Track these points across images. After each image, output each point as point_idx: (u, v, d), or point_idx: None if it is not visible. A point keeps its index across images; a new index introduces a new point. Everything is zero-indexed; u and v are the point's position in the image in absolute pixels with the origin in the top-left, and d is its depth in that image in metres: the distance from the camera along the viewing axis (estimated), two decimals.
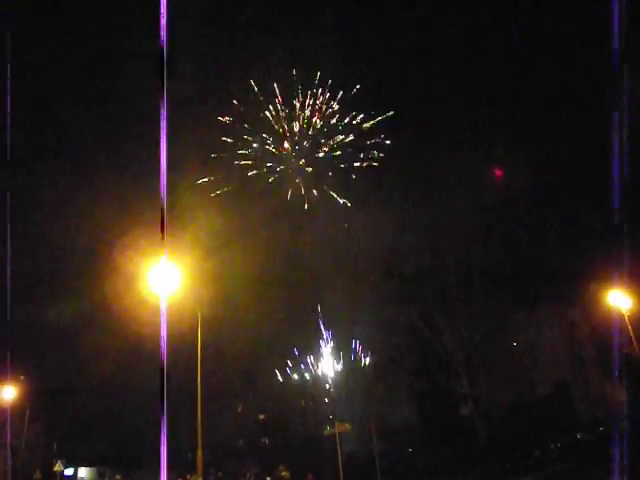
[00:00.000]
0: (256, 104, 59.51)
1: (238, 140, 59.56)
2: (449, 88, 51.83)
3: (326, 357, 59.94)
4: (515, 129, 48.59)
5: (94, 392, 49.51)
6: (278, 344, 55.81)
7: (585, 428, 41.83)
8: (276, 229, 54.91)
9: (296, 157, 60.71)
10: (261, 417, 58.52)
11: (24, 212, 41.42)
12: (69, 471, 50.59)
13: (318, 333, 59.30)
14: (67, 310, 45.80)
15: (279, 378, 56.69)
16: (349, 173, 58.53)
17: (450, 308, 45.44)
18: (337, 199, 57.96)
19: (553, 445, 41.47)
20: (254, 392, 55.54)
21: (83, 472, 53.44)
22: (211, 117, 56.61)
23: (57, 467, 43.38)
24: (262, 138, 60.24)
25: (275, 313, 55.35)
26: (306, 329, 57.96)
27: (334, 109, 59.72)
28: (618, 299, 23.67)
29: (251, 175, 59.65)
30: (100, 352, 47.33)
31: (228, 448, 53.42)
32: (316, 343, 60.21)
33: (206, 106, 55.99)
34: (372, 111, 58.26)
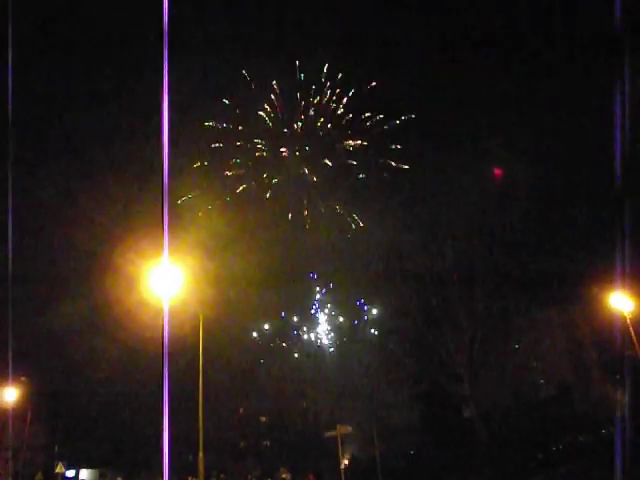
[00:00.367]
0: (252, 101, 55.73)
1: (230, 147, 55.78)
2: (449, 88, 51.65)
3: (327, 358, 59.86)
4: (517, 128, 48.44)
5: (96, 394, 49.56)
6: (279, 346, 55.83)
7: (587, 430, 41.73)
8: (277, 231, 54.84)
9: (296, 164, 56.90)
10: (262, 419, 58.50)
11: (24, 213, 41.45)
12: (70, 473, 50.61)
13: (319, 334, 59.22)
14: (69, 312, 45.82)
15: (279, 380, 56.66)
16: (359, 182, 54.33)
17: (452, 310, 45.41)
18: (348, 217, 53.86)
19: (555, 447, 41.42)
20: (255, 394, 55.50)
21: (84, 474, 53.44)
22: (205, 118, 54.41)
23: (58, 469, 43.41)
24: (257, 143, 56.16)
25: (276, 315, 55.40)
26: (307, 330, 57.93)
27: (340, 110, 55.42)
28: (620, 301, 23.63)
29: (243, 189, 55.74)
30: (102, 354, 47.40)
31: (230, 450, 53.44)
32: (317, 344, 60.13)
33: (202, 107, 53.76)
34: (382, 113, 54.63)
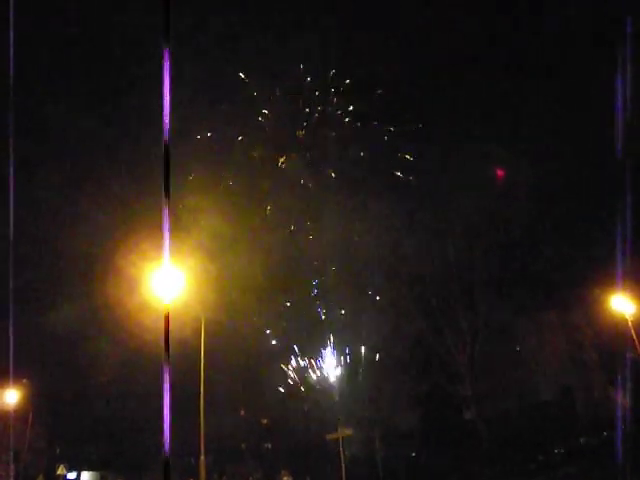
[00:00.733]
0: (253, 107, 54.54)
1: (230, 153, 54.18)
2: (450, 88, 51.33)
3: (329, 361, 59.87)
4: (517, 129, 48.28)
5: (97, 396, 49.57)
6: (281, 348, 55.80)
7: (588, 432, 41.73)
8: (280, 233, 54.66)
9: (298, 171, 55.47)
10: (264, 421, 58.42)
11: (25, 214, 41.49)
12: (72, 475, 50.56)
13: (321, 337, 59.18)
14: (70, 314, 45.78)
15: (281, 381, 56.61)
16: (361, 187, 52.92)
17: (453, 312, 45.42)
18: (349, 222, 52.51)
19: (556, 449, 41.42)
20: (257, 396, 55.44)
21: (86, 476, 53.36)
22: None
23: (60, 471, 43.41)
24: (258, 149, 54.58)
25: (278, 317, 55.32)
26: (309, 333, 57.84)
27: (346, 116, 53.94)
28: (621, 303, 23.65)
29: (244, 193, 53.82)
30: (103, 356, 47.38)
31: (231, 452, 53.41)
32: (319, 347, 60.11)
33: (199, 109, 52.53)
34: (389, 121, 53.00)
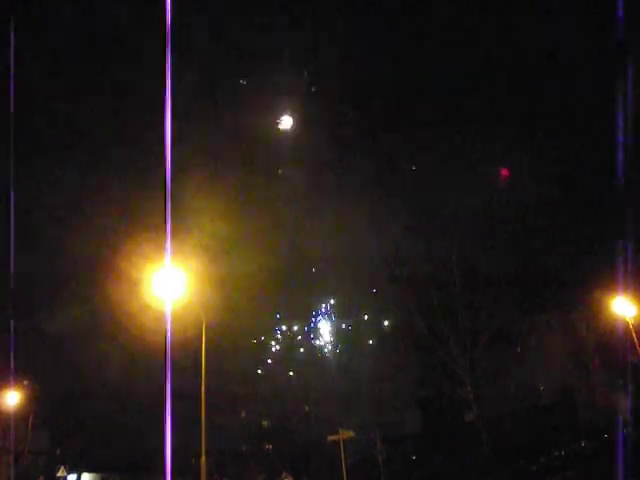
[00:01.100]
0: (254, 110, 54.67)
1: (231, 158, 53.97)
2: (450, 87, 51.16)
3: (330, 362, 59.83)
4: (522, 130, 48.08)
5: (98, 397, 49.55)
6: (282, 348, 55.83)
7: (589, 435, 41.67)
8: (281, 234, 54.69)
9: (299, 177, 55.14)
10: (265, 423, 58.46)
11: (25, 215, 41.46)
12: (72, 477, 50.54)
13: (322, 337, 59.18)
14: (71, 315, 45.81)
15: (281, 381, 56.66)
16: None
17: (454, 314, 45.37)
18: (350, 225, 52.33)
19: (557, 452, 41.35)
20: (258, 397, 55.48)
21: (86, 478, 53.38)
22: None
23: (60, 472, 43.33)
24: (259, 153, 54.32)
25: (279, 318, 55.41)
26: (310, 334, 57.90)
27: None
28: (622, 306, 23.62)
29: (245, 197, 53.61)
30: (104, 357, 47.37)
31: (232, 454, 53.40)
32: (320, 347, 60.09)
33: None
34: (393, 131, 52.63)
